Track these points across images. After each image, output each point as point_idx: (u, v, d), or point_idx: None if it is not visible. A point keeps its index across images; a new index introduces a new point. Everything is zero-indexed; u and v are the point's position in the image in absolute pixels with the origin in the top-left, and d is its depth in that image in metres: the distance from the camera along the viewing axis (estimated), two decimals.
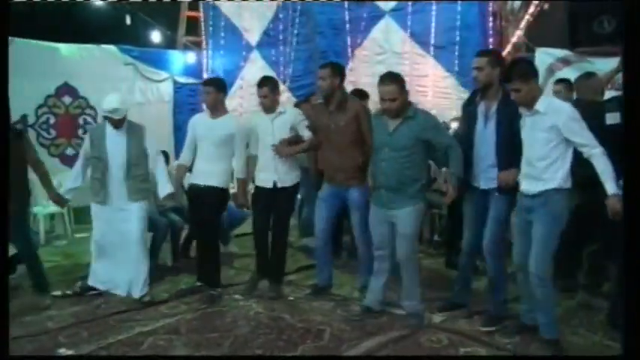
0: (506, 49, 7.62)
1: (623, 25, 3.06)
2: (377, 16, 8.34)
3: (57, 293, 4.96)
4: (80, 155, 5.11)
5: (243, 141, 5.06)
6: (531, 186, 3.67)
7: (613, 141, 3.37)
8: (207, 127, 5.03)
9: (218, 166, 4.99)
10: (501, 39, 7.73)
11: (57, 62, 8.43)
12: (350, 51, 8.52)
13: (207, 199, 4.98)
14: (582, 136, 3.50)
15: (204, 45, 9.90)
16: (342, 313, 4.57)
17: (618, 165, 3.30)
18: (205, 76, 9.63)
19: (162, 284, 5.35)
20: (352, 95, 5.12)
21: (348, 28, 8.46)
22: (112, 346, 3.96)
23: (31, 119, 8.16)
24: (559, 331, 3.81)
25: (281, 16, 9.06)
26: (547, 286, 3.67)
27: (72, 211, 7.59)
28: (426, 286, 4.74)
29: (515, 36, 7.62)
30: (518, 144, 3.82)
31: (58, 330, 4.27)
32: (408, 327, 4.18)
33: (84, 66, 8.65)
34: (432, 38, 7.84)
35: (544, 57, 7.17)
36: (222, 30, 9.64)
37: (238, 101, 9.38)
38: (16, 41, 7.87)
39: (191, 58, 9.90)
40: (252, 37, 9.44)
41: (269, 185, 4.95)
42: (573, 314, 4.35)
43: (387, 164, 4.14)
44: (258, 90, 4.99)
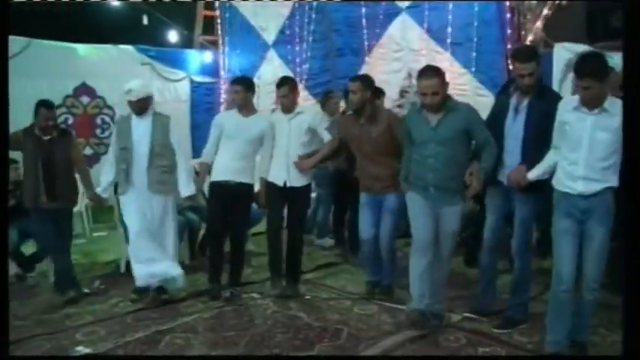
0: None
1: (624, 24, 3.03)
2: (393, 12, 8.27)
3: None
4: (109, 149, 5.11)
5: (272, 140, 5.07)
6: (589, 186, 3.44)
7: None
8: (238, 125, 5.02)
9: (247, 163, 5.03)
10: (519, 35, 7.65)
11: (75, 63, 8.46)
12: (366, 48, 8.48)
13: (241, 196, 5.00)
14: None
15: (220, 44, 9.89)
16: (359, 311, 4.55)
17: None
18: (222, 75, 9.64)
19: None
20: (388, 109, 5.10)
21: (364, 25, 8.41)
22: (130, 345, 3.98)
23: None
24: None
25: (297, 14, 9.02)
26: (597, 289, 3.56)
27: (90, 210, 7.64)
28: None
29: (534, 32, 7.54)
30: (547, 142, 3.71)
31: (75, 328, 4.30)
32: (427, 327, 4.13)
33: (101, 66, 8.68)
34: (449, 35, 7.77)
35: (563, 52, 7.07)
36: (239, 29, 9.61)
37: (255, 100, 9.35)
38: (34, 42, 7.95)
39: (208, 57, 9.90)
40: (269, 35, 9.41)
41: (280, 183, 5.00)
42: (593, 313, 4.27)
43: (435, 160, 4.01)
44: (277, 90, 5.04)
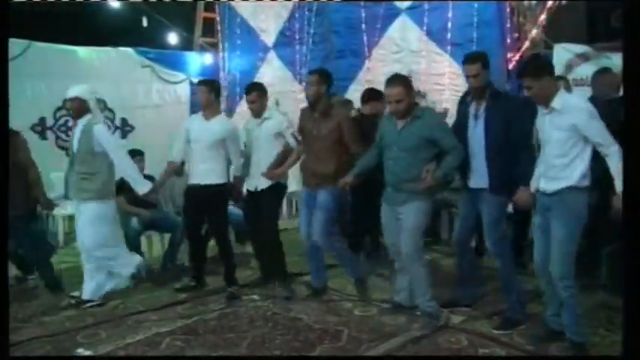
0: (525, 46, 7.54)
1: (624, 24, 3.05)
2: (393, 14, 8.28)
3: (75, 294, 4.99)
4: None
5: (235, 143, 5.08)
6: (549, 184, 3.62)
7: None
8: (200, 128, 5.07)
9: (213, 165, 5.02)
10: (519, 35, 7.65)
11: (74, 65, 8.48)
12: (366, 50, 8.48)
13: (209, 198, 5.03)
14: (601, 134, 3.44)
15: (220, 46, 9.91)
16: (359, 313, 4.55)
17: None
18: (222, 76, 9.64)
19: (180, 284, 5.34)
20: (342, 102, 5.14)
21: (364, 26, 8.42)
22: (130, 346, 3.98)
23: (49, 122, 8.22)
24: (584, 332, 3.72)
25: (297, 15, 9.03)
26: (570, 286, 3.59)
27: None
28: (445, 286, 4.72)
29: (533, 32, 7.54)
30: (510, 143, 3.94)
31: (76, 330, 4.30)
32: (423, 327, 4.15)
33: (101, 68, 8.71)
34: (449, 36, 7.77)
35: (562, 53, 7.09)
36: (239, 31, 9.63)
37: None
38: (34, 45, 7.96)
39: (208, 59, 9.91)
40: (269, 37, 9.42)
41: (252, 188, 5.11)
42: (593, 314, 4.26)
43: (395, 162, 4.21)
44: (246, 96, 5.11)
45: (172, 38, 10.20)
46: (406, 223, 4.18)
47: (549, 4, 7.34)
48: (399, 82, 4.16)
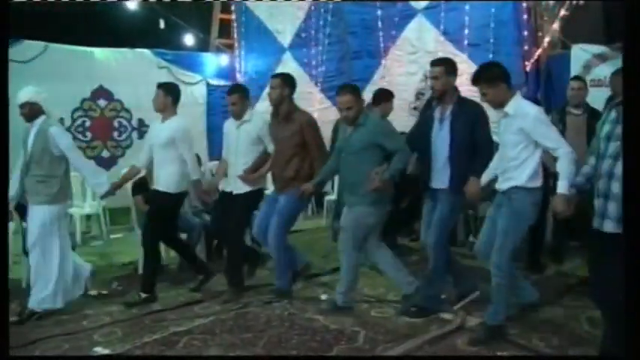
0: (542, 46, 7.50)
1: (624, 25, 3.05)
2: (409, 14, 8.27)
3: (93, 293, 5.02)
4: None
5: (186, 142, 5.00)
6: (503, 184, 3.89)
7: None
8: (156, 130, 5.09)
9: (164, 170, 4.97)
10: (536, 36, 7.60)
11: (92, 66, 8.54)
12: (382, 50, 8.47)
13: (152, 202, 5.10)
14: (549, 137, 3.68)
15: (236, 47, 9.93)
16: (376, 314, 4.53)
17: None
18: (239, 78, 9.66)
19: (195, 284, 5.34)
20: (308, 113, 5.17)
21: (380, 27, 8.41)
22: (147, 345, 3.99)
23: (67, 122, 8.29)
24: (502, 319, 3.92)
25: (313, 17, 9.03)
26: (503, 277, 3.84)
27: (108, 212, 7.69)
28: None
29: (551, 32, 7.48)
30: (474, 146, 4.21)
31: (93, 329, 4.33)
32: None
33: (118, 70, 8.75)
34: (466, 36, 7.73)
35: (580, 53, 7.04)
36: (255, 32, 9.62)
37: None
38: (51, 46, 8.04)
39: (224, 60, 9.92)
40: (285, 38, 9.42)
41: (228, 190, 5.10)
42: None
43: (343, 167, 4.54)
44: (227, 97, 5.08)
45: (189, 40, 10.24)
46: (344, 222, 4.49)
47: (566, 4, 7.28)
48: (348, 90, 4.44)
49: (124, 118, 8.80)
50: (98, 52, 8.71)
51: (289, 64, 9.33)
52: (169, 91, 5.08)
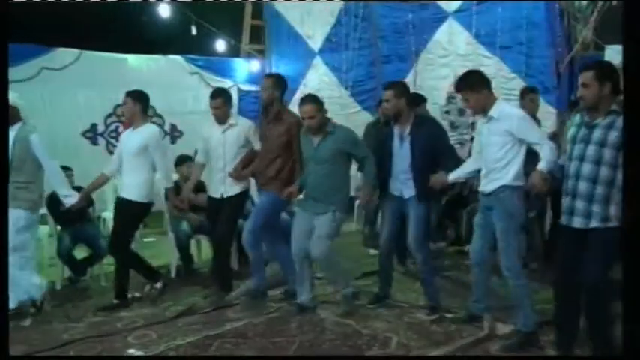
0: (575, 48, 7.38)
1: (624, 24, 3.09)
2: (440, 18, 8.24)
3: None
4: None
5: (159, 149, 4.98)
6: (488, 186, 3.97)
7: None
8: (126, 138, 5.08)
9: (132, 178, 4.94)
10: (569, 37, 7.49)
11: (125, 73, 8.67)
12: (413, 54, 8.43)
13: (118, 211, 5.06)
14: (531, 134, 3.82)
15: (267, 52, 9.99)
16: (408, 320, 4.49)
17: None
18: None
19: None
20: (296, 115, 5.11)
21: (411, 31, 8.37)
22: (181, 348, 4.02)
23: (100, 128, 8.43)
24: (536, 323, 3.88)
25: (343, 21, 9.04)
26: (518, 277, 3.89)
27: None
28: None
29: (584, 34, 7.37)
30: (435, 158, 4.45)
31: (128, 331, 4.37)
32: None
33: (151, 76, 8.87)
34: (498, 39, 7.66)
35: (614, 55, 6.91)
36: (285, 37, 9.67)
37: None
38: (85, 54, 8.19)
39: (255, 65, 10.00)
40: (315, 43, 9.44)
41: (217, 196, 5.06)
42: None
43: (312, 176, 4.61)
44: (210, 101, 5.04)
45: (220, 46, 10.33)
46: (320, 230, 4.51)
47: (599, 5, 7.17)
48: (310, 100, 4.54)
49: (156, 123, 8.87)
50: (131, 59, 8.86)
51: (319, 68, 9.37)
52: (138, 99, 5.00)
